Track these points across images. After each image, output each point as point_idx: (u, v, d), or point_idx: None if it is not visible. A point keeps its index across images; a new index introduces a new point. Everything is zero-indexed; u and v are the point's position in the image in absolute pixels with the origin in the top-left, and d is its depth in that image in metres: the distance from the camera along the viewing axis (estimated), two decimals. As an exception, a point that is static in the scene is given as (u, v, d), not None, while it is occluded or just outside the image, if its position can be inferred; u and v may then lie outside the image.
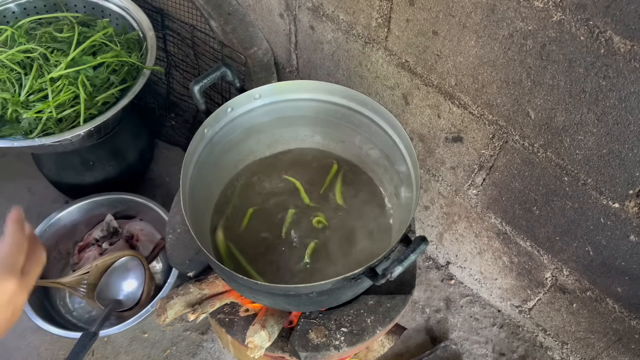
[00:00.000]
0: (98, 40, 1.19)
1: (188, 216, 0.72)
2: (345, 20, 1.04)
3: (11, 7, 1.27)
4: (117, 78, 1.17)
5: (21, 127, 1.09)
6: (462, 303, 1.37)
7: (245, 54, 1.29)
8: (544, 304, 1.17)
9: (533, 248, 1.07)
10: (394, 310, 0.85)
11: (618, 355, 1.08)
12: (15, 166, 1.59)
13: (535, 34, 0.74)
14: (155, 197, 1.35)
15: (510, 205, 1.04)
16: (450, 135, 1.03)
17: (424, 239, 0.63)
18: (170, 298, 0.87)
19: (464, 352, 1.29)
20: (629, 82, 0.68)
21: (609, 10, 0.64)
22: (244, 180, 0.94)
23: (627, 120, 0.72)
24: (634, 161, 0.76)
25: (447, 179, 1.14)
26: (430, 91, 0.99)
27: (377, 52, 1.03)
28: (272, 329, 0.83)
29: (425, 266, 1.42)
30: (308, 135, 0.97)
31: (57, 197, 1.53)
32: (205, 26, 1.32)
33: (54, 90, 1.11)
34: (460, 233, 1.25)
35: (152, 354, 1.29)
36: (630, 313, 0.98)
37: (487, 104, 0.91)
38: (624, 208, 0.83)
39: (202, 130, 0.81)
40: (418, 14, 0.88)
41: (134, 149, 1.46)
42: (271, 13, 1.22)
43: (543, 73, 0.77)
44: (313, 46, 1.18)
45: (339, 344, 0.81)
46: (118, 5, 1.28)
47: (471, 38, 0.83)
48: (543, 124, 0.84)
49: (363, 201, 0.91)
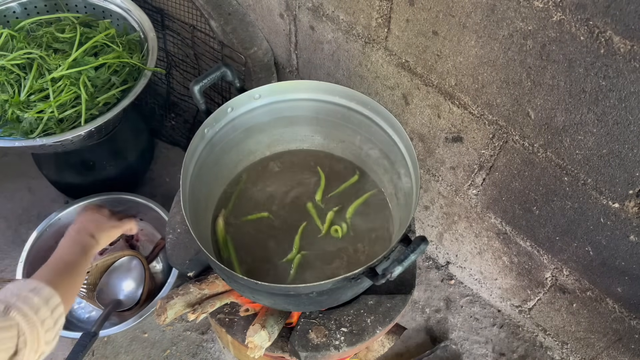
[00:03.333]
0: (100, 41, 1.19)
1: (188, 216, 0.72)
2: (345, 20, 1.04)
3: (13, 7, 1.27)
4: (118, 79, 1.17)
5: (22, 127, 1.09)
6: (462, 303, 1.37)
7: (245, 54, 1.29)
8: (544, 304, 1.17)
9: (533, 248, 1.07)
10: (394, 310, 0.85)
11: (618, 355, 1.08)
12: (15, 166, 1.59)
13: (535, 34, 0.74)
14: (155, 197, 1.35)
15: (510, 205, 1.04)
16: (450, 135, 1.03)
17: (424, 239, 0.63)
18: (170, 298, 0.87)
19: (464, 352, 1.29)
20: (629, 82, 0.68)
21: (609, 10, 0.65)
22: (244, 181, 0.94)
23: (627, 120, 0.72)
24: (634, 161, 0.76)
25: (447, 179, 1.14)
26: (430, 91, 0.99)
27: (377, 52, 1.03)
28: (272, 329, 0.83)
29: (425, 266, 1.42)
30: (308, 135, 0.97)
31: (57, 197, 1.53)
32: (205, 26, 1.32)
33: (55, 90, 1.11)
34: (460, 233, 1.25)
35: (152, 354, 1.29)
36: (630, 313, 0.98)
37: (487, 104, 0.91)
38: (624, 208, 0.83)
39: (202, 130, 0.81)
40: (418, 14, 0.89)
41: (134, 149, 1.46)
42: (271, 13, 1.22)
43: (543, 73, 0.78)
44: (313, 46, 1.18)
45: (339, 344, 0.81)
46: (119, 6, 1.28)
47: (471, 38, 0.83)
48: (543, 124, 0.84)
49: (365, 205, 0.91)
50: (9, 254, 1.43)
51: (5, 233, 1.48)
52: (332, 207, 0.90)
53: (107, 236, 1.04)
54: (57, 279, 0.84)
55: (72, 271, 0.90)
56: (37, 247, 1.26)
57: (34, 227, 1.27)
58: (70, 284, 0.88)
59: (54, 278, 0.84)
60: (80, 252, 0.95)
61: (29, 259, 1.23)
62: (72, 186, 1.44)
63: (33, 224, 1.30)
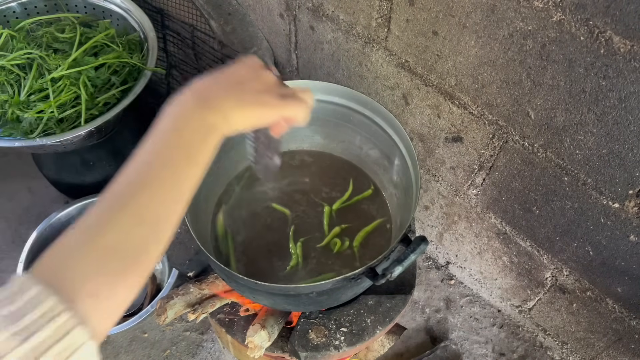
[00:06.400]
0: (100, 41, 1.19)
1: (188, 216, 0.72)
2: (345, 20, 1.04)
3: (13, 7, 1.27)
4: (118, 79, 1.17)
5: (22, 127, 1.09)
6: (462, 303, 1.37)
7: (245, 54, 1.29)
8: (544, 304, 1.17)
9: (533, 248, 1.07)
10: (394, 310, 0.85)
11: (618, 355, 1.08)
12: (15, 166, 1.59)
13: (535, 34, 0.74)
14: (155, 197, 1.35)
15: (510, 205, 1.04)
16: (450, 135, 1.03)
17: (424, 239, 0.63)
18: (170, 298, 0.87)
19: (464, 352, 1.29)
20: (629, 82, 0.68)
21: (609, 10, 0.65)
22: (244, 180, 0.94)
23: (627, 120, 0.72)
24: (634, 161, 0.76)
25: (447, 179, 1.14)
26: (430, 91, 0.99)
27: (377, 52, 1.03)
28: (272, 329, 0.83)
29: (425, 266, 1.42)
30: (308, 135, 0.97)
31: (57, 197, 1.53)
32: (205, 26, 1.32)
33: (55, 90, 1.11)
34: (460, 233, 1.25)
35: (152, 354, 1.29)
36: (630, 313, 0.98)
37: (487, 104, 0.91)
38: (624, 208, 0.83)
39: (202, 130, 0.81)
40: (418, 14, 0.89)
41: (134, 149, 1.46)
42: (271, 13, 1.22)
43: (543, 73, 0.77)
44: (313, 46, 1.18)
45: (339, 344, 0.81)
46: (119, 6, 1.28)
47: (471, 38, 0.83)
48: (543, 124, 0.84)
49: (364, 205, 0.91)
50: (9, 254, 1.43)
51: (5, 233, 1.48)
52: (340, 222, 0.88)
53: (248, 116, 0.51)
54: (126, 200, 0.43)
55: (168, 176, 0.45)
56: (37, 247, 1.26)
57: (34, 227, 1.27)
58: (162, 202, 0.44)
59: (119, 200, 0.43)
60: (187, 143, 0.47)
61: (29, 259, 1.23)
62: (72, 186, 1.44)
63: (33, 224, 1.30)
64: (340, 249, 0.85)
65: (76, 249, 0.41)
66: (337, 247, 0.85)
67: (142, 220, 0.43)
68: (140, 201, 0.43)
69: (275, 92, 0.52)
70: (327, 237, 0.86)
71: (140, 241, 0.43)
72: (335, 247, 0.85)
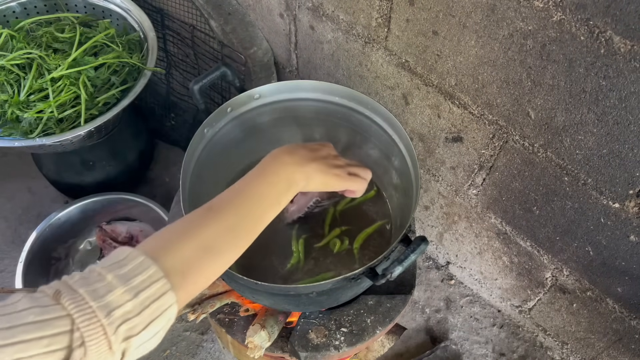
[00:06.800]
0: (100, 41, 1.19)
1: (188, 216, 0.72)
2: (345, 20, 1.04)
3: (13, 7, 1.27)
4: (118, 79, 1.17)
5: (21, 127, 1.09)
6: (462, 303, 1.37)
7: (245, 54, 1.29)
8: (544, 304, 1.17)
9: (533, 248, 1.07)
10: (394, 310, 0.85)
11: (618, 355, 1.08)
12: (15, 166, 1.59)
13: (535, 34, 0.74)
14: (155, 197, 1.35)
15: (510, 205, 1.03)
16: (450, 135, 1.03)
17: (424, 239, 0.63)
18: (170, 298, 0.87)
19: (464, 352, 1.29)
20: (629, 82, 0.68)
21: (609, 10, 0.64)
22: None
23: (627, 120, 0.72)
24: (634, 161, 0.76)
25: (447, 179, 1.14)
26: (430, 91, 0.99)
27: (377, 52, 1.03)
28: (272, 329, 0.82)
29: (425, 266, 1.42)
30: (308, 135, 0.96)
31: (57, 197, 1.53)
32: (205, 26, 1.32)
33: (55, 90, 1.11)
34: (460, 233, 1.25)
35: (151, 354, 1.29)
36: (630, 313, 0.98)
37: (487, 104, 0.91)
38: (624, 208, 0.83)
39: (202, 130, 0.81)
40: (418, 14, 0.88)
41: (134, 149, 1.46)
42: (271, 13, 1.22)
43: (543, 73, 0.77)
44: (313, 46, 1.18)
45: (339, 344, 0.81)
46: (119, 6, 1.28)
47: (471, 38, 0.83)
48: (543, 124, 0.84)
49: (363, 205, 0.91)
50: (9, 254, 1.43)
51: (5, 233, 1.48)
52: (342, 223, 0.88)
53: (323, 181, 0.68)
54: (219, 216, 0.57)
55: (257, 207, 0.60)
56: (37, 247, 1.26)
57: (34, 227, 1.27)
58: (247, 222, 0.59)
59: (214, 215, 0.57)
60: (276, 185, 0.63)
61: (29, 259, 1.23)
62: (72, 186, 1.44)
63: (33, 224, 1.30)
64: (340, 249, 0.85)
65: (176, 237, 0.53)
66: (337, 247, 0.85)
67: (231, 230, 0.57)
68: (233, 217, 0.58)
69: (346, 170, 0.71)
70: (327, 238, 0.86)
71: (225, 245, 0.56)
72: (335, 247, 0.85)
